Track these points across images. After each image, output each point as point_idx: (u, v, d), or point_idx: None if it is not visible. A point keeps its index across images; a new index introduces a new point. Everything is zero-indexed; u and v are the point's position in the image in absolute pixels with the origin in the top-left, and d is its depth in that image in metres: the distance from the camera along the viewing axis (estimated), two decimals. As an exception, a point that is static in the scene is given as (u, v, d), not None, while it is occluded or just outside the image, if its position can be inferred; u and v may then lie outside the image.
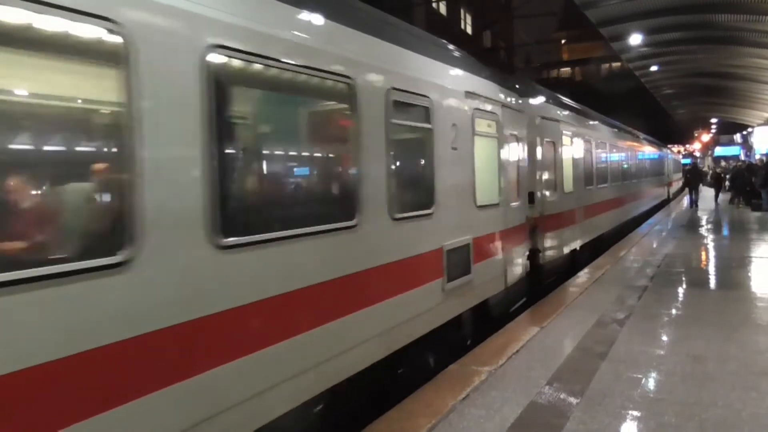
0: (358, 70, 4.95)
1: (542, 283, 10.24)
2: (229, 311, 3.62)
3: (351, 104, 4.88)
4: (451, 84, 6.81)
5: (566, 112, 13.30)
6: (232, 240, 3.63)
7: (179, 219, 3.35)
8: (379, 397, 5.51)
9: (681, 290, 10.23)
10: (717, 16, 20.52)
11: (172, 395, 3.24)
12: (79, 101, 3.24)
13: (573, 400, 5.18)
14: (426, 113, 6.09)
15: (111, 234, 3.09)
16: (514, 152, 8.93)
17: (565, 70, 69.23)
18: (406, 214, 5.61)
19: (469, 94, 7.14)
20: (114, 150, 3.16)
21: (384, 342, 5.28)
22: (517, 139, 9.05)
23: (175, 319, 3.28)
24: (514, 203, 8.65)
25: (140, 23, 3.14)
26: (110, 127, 3.19)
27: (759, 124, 41.82)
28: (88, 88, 3.20)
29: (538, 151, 10.51)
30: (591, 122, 16.14)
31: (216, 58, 3.59)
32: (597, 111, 18.70)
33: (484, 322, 7.70)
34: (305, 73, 4.42)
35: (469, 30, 42.21)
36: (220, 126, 3.56)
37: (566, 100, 14.53)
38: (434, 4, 33.85)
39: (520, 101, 9.55)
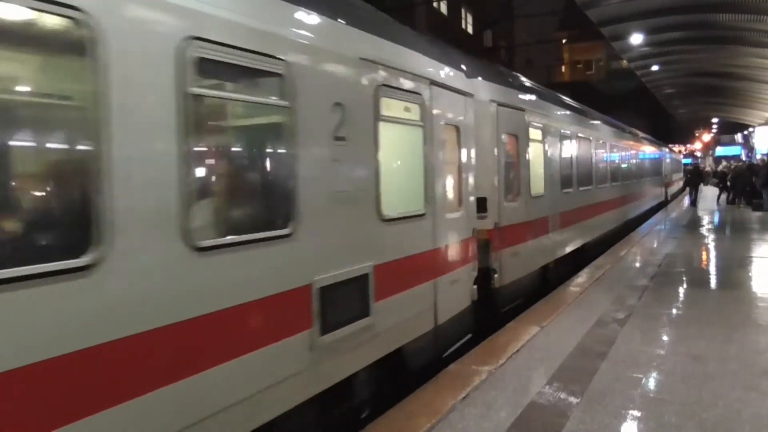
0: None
1: (498, 310, 8.49)
2: None
3: (85, 56, 2.96)
4: (332, 45, 4.84)
5: (535, 100, 10.81)
6: None
7: None
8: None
9: (681, 290, 10.23)
10: (718, 16, 20.53)
11: None
12: None
13: (573, 399, 5.19)
14: (280, 84, 4.21)
15: None
16: (453, 146, 7.01)
17: (566, 70, 69.23)
18: (228, 240, 3.77)
19: (369, 63, 5.19)
20: None
21: None
22: (458, 130, 7.08)
23: None
24: (451, 213, 6.77)
25: None
26: None
27: (760, 124, 41.84)
28: None
29: (493, 146, 8.60)
30: (570, 114, 13.70)
31: None
32: (598, 111, 18.12)
33: (403, 376, 5.87)
34: None
35: (470, 29, 42.25)
36: None
37: (536, 85, 12.26)
38: (435, 4, 33.86)
39: (463, 81, 7.46)
